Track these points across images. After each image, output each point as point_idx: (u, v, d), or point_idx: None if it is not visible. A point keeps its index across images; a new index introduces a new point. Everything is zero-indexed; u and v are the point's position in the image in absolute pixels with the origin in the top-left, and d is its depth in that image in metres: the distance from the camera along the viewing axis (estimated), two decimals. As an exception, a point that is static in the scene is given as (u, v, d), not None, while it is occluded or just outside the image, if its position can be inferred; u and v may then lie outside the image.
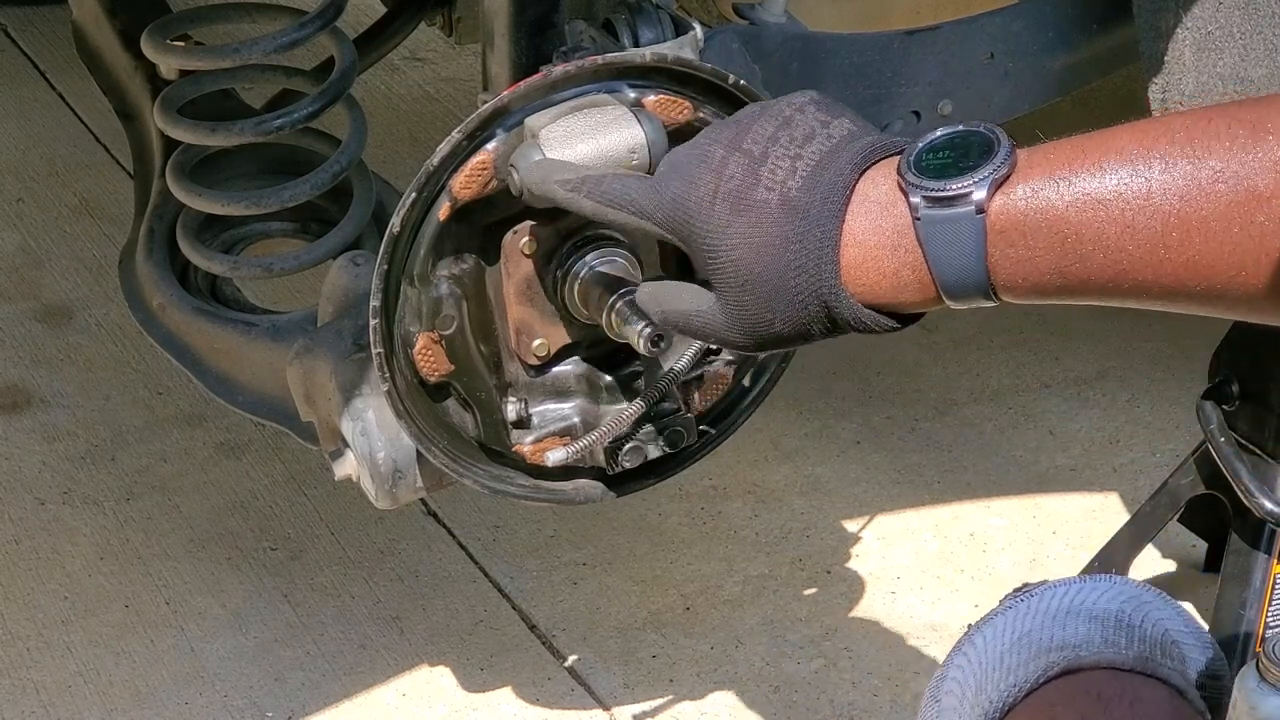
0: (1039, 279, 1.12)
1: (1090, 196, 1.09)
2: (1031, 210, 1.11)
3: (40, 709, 2.17)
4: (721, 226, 1.22)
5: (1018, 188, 1.12)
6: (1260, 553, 2.03)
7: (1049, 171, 1.11)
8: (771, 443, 2.60)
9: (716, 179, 1.23)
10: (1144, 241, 1.08)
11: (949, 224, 1.13)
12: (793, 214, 1.19)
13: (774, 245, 1.20)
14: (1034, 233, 1.11)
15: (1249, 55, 1.82)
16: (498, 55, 1.71)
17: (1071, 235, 1.10)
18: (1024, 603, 1.24)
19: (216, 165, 2.09)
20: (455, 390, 1.66)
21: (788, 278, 1.19)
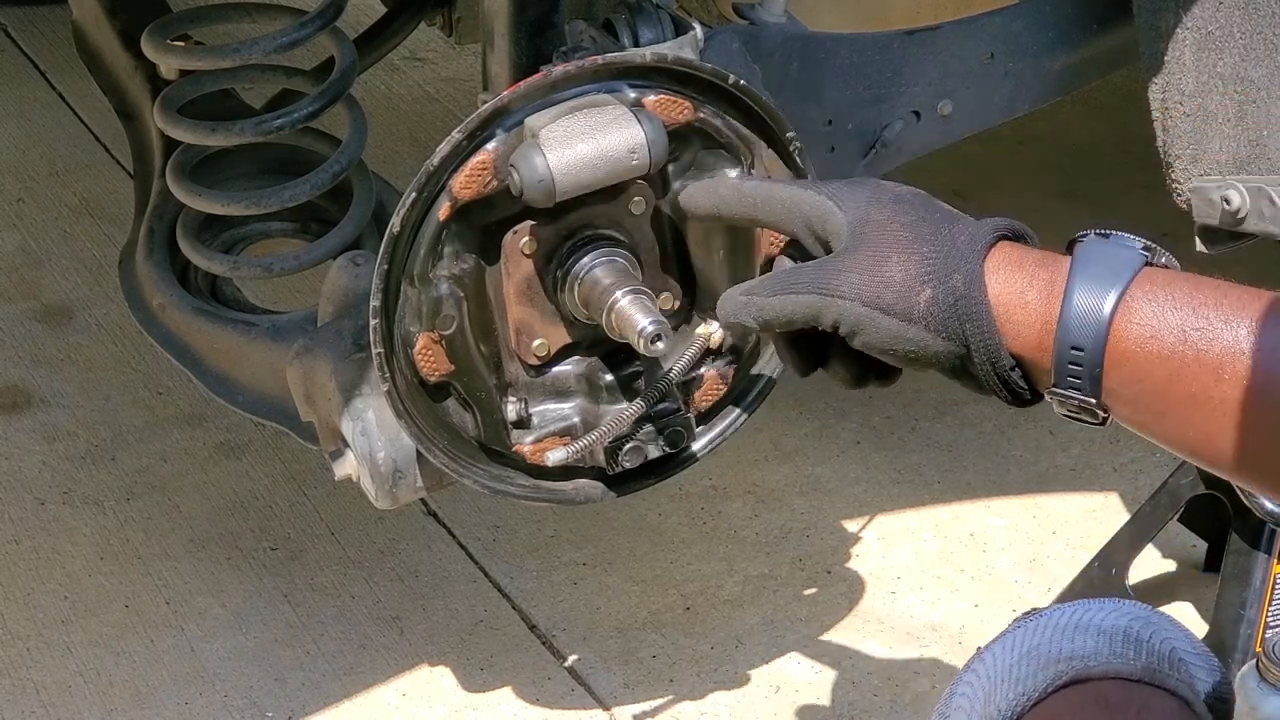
0: (1158, 340, 1.14)
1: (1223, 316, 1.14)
2: (1183, 282, 1.15)
3: (40, 709, 2.17)
4: (890, 194, 1.28)
5: (1175, 272, 1.17)
6: (1260, 553, 2.03)
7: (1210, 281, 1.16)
8: (771, 443, 2.60)
9: (892, 184, 1.32)
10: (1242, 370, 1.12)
11: (1111, 250, 1.17)
12: (951, 215, 1.26)
13: (928, 219, 1.25)
14: (1178, 293, 1.15)
15: (1249, 55, 1.82)
16: (498, 55, 1.71)
17: (1202, 318, 1.14)
18: (1033, 621, 1.25)
19: (216, 165, 2.09)
20: (455, 390, 1.66)
21: (934, 233, 1.23)
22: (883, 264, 1.23)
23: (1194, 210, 1.92)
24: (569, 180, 1.54)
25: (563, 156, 1.53)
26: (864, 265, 1.24)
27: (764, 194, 1.36)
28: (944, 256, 1.21)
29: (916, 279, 1.22)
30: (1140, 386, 1.15)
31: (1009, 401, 1.22)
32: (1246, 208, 1.87)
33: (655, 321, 1.55)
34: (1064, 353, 1.17)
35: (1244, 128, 1.85)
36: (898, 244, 1.23)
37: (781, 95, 1.81)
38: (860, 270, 1.24)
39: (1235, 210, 1.87)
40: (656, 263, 1.67)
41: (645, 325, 1.55)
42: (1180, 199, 1.94)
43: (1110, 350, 1.15)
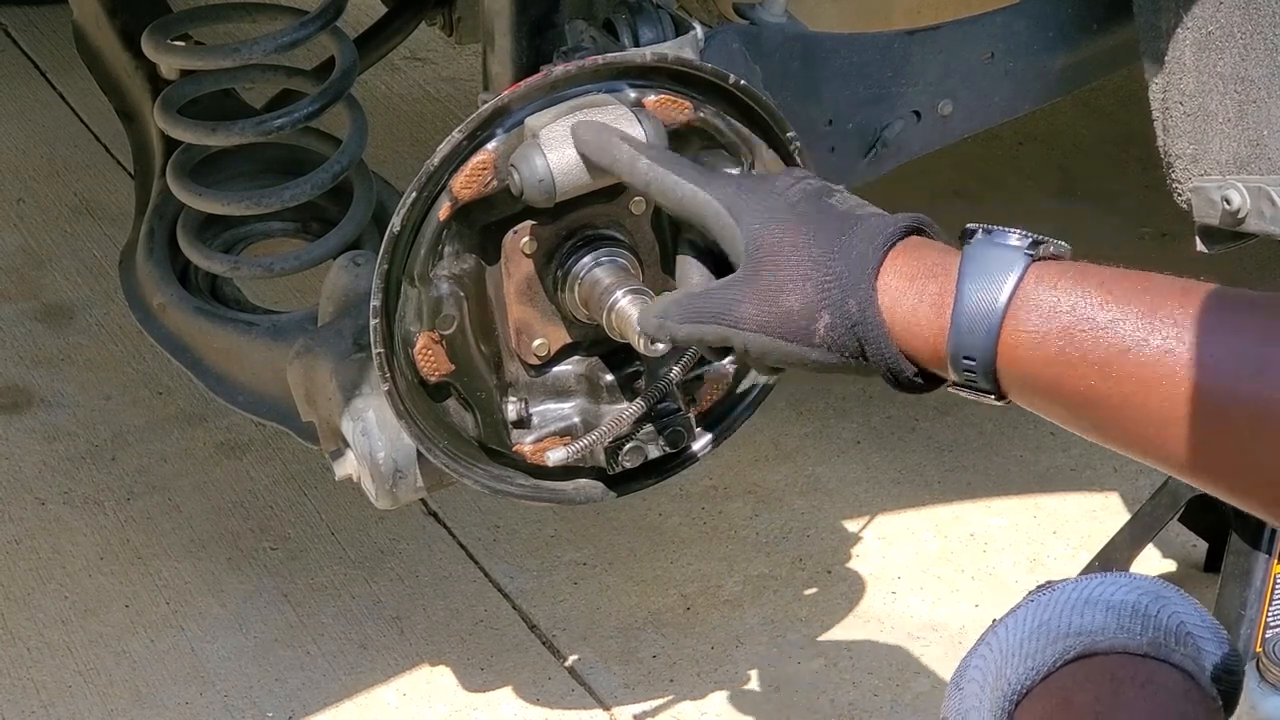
0: (1044, 345, 1.18)
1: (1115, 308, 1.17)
2: (1067, 283, 1.19)
3: (40, 709, 2.17)
4: (785, 204, 1.33)
5: (1064, 266, 1.21)
6: (1260, 553, 2.03)
7: (1096, 272, 1.19)
8: (771, 443, 2.60)
9: (793, 181, 1.36)
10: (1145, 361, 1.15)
11: (995, 252, 1.21)
12: (850, 220, 1.30)
13: (824, 232, 1.29)
14: (1062, 298, 1.18)
15: (1249, 55, 1.82)
16: (498, 55, 1.71)
17: (1087, 321, 1.17)
18: (1045, 595, 1.26)
19: (217, 165, 2.09)
20: (455, 390, 1.66)
21: (827, 253, 1.28)
22: (779, 294, 1.30)
23: (1194, 210, 1.92)
24: (569, 180, 1.54)
25: (563, 156, 1.53)
26: (762, 295, 1.31)
27: (658, 181, 1.42)
28: (837, 280, 1.27)
29: (813, 307, 1.28)
30: (1034, 385, 1.20)
31: (913, 392, 1.31)
32: (1247, 208, 1.87)
33: (655, 321, 1.55)
34: (959, 362, 1.23)
35: (1244, 128, 1.85)
36: (791, 271, 1.29)
37: (781, 95, 1.81)
38: (758, 301, 1.31)
39: (1235, 210, 1.87)
40: (656, 263, 1.67)
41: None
42: (1180, 199, 1.94)
43: (1001, 356, 1.21)
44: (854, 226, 1.29)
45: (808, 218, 1.31)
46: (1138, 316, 1.16)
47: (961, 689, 1.26)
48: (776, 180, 1.37)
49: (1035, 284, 1.20)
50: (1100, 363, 1.16)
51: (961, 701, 1.26)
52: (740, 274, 1.33)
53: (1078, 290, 1.18)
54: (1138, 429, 1.16)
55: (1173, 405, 1.13)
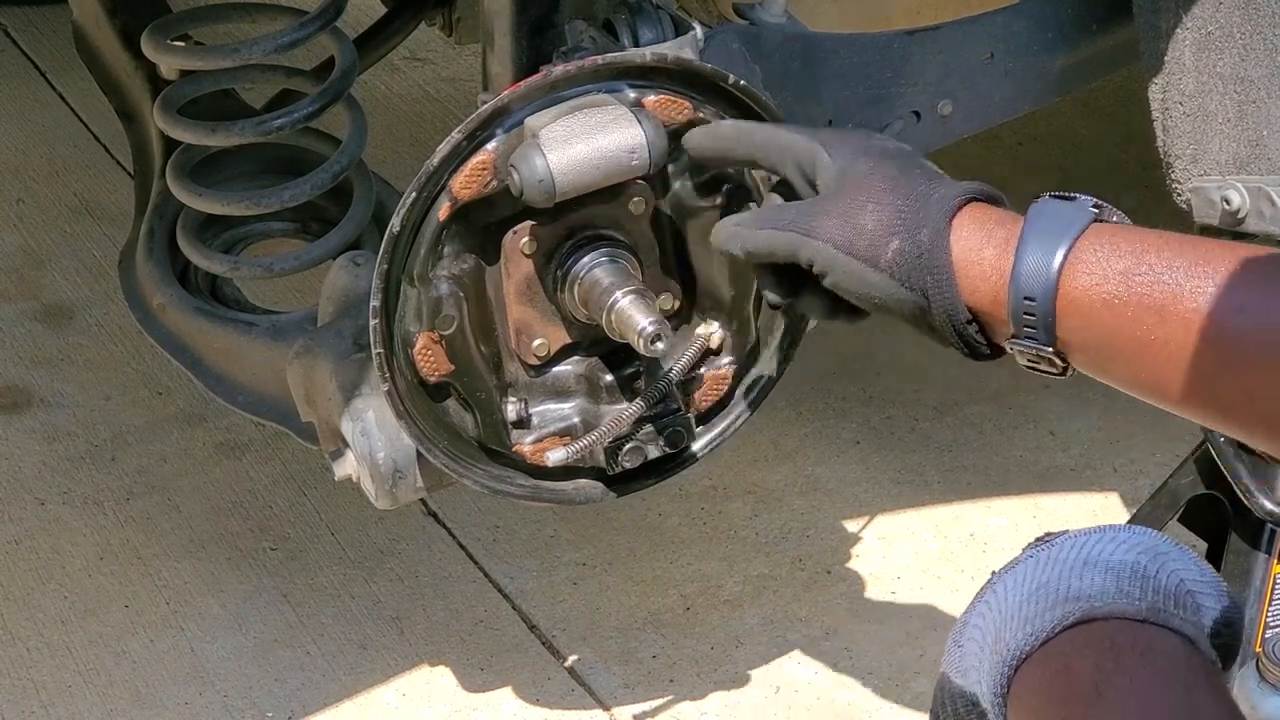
0: (1103, 285, 1.23)
1: (1170, 260, 1.22)
2: (1127, 235, 1.25)
3: (40, 709, 2.17)
4: (877, 146, 1.40)
5: (1123, 226, 1.28)
6: (1260, 553, 2.03)
7: (1155, 233, 1.25)
8: (771, 443, 2.60)
9: (880, 136, 1.44)
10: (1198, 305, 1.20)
11: (1060, 206, 1.27)
12: (931, 172, 1.37)
13: (908, 174, 1.35)
14: (1123, 245, 1.24)
15: (1249, 55, 1.82)
16: (498, 55, 1.71)
17: (1145, 267, 1.23)
18: (1044, 552, 1.27)
19: (217, 165, 2.09)
20: (455, 390, 1.66)
21: (909, 188, 1.33)
22: (858, 212, 1.34)
23: (1194, 210, 1.92)
24: (569, 180, 1.54)
25: (563, 156, 1.53)
26: (842, 211, 1.35)
27: (764, 136, 1.48)
28: (915, 211, 1.32)
29: (887, 229, 1.33)
30: (1091, 332, 1.25)
31: (967, 354, 1.34)
32: (1246, 208, 1.87)
33: (655, 321, 1.55)
34: (1018, 303, 1.27)
35: (1244, 128, 1.85)
36: (874, 195, 1.34)
37: (781, 95, 1.81)
38: (838, 215, 1.35)
39: (1235, 210, 1.87)
40: (656, 263, 1.67)
41: (645, 325, 1.55)
42: (1180, 199, 1.94)
43: (1061, 299, 1.25)
44: (936, 179, 1.35)
45: (898, 160, 1.38)
46: (1192, 264, 1.20)
47: (961, 646, 1.27)
48: (870, 132, 1.47)
49: (1096, 235, 1.25)
50: (1156, 307, 1.21)
51: (961, 659, 1.27)
52: (825, 194, 1.38)
53: (1136, 242, 1.24)
54: (1190, 378, 1.20)
55: (1224, 352, 1.18)
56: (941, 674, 1.29)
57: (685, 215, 1.67)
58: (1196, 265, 1.21)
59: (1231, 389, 1.19)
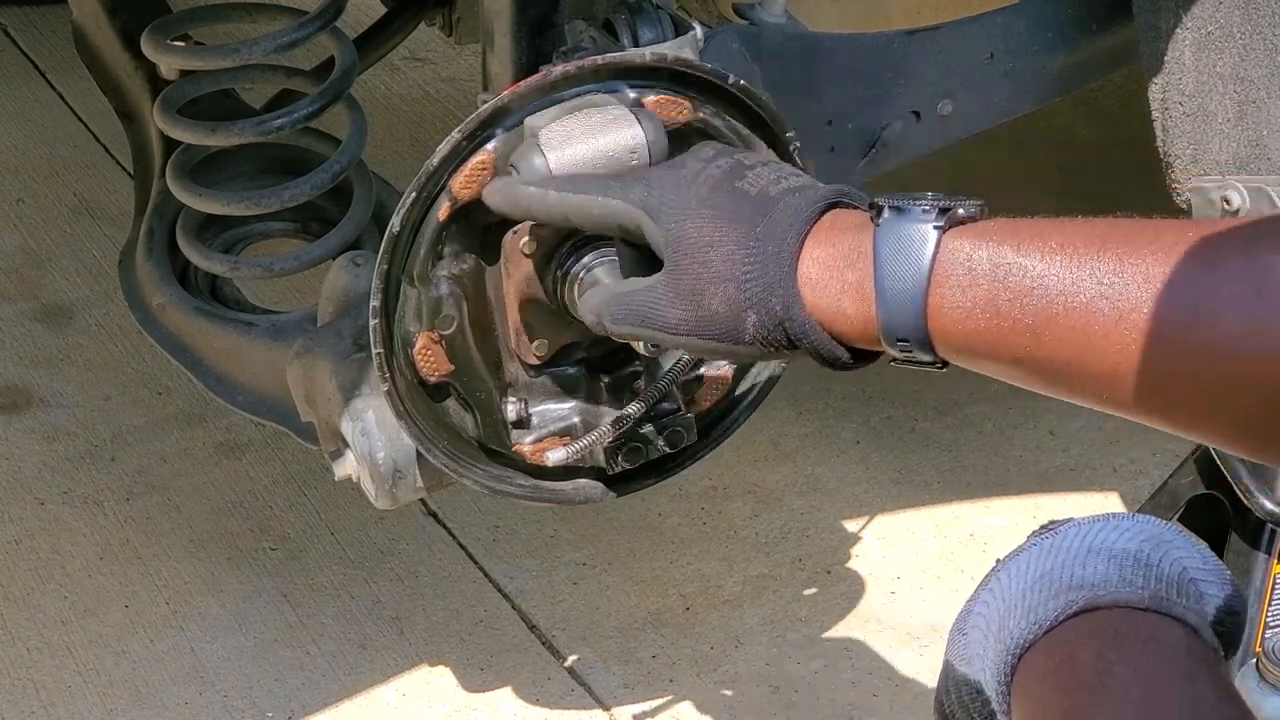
0: (972, 318, 1.20)
1: (1035, 269, 1.19)
2: (982, 252, 1.21)
3: (40, 709, 2.17)
4: (697, 199, 1.34)
5: (978, 230, 1.22)
6: (1260, 553, 2.03)
7: (1012, 233, 1.21)
8: (771, 443, 2.60)
9: (703, 165, 1.38)
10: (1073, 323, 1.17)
11: (905, 232, 1.23)
12: (767, 204, 1.31)
13: (742, 225, 1.31)
14: (979, 269, 1.20)
15: (1249, 55, 1.82)
16: (498, 55, 1.71)
17: (1010, 289, 1.19)
18: (1048, 540, 1.27)
19: (217, 165, 2.09)
20: (455, 390, 1.66)
21: (744, 253, 1.30)
22: (702, 298, 1.32)
23: (1194, 210, 1.92)
24: (569, 180, 1.54)
25: (562, 156, 1.53)
26: (686, 300, 1.33)
27: (573, 207, 1.45)
28: (757, 278, 1.29)
29: (738, 308, 1.30)
30: (972, 354, 1.23)
31: (850, 370, 1.32)
32: (1246, 208, 1.87)
33: (655, 321, 1.55)
34: (894, 344, 1.25)
35: (1244, 128, 1.85)
36: (711, 272, 1.31)
37: (781, 95, 1.81)
38: (684, 306, 1.33)
39: (1235, 210, 1.87)
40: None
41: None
42: (1180, 199, 1.94)
43: (933, 333, 1.23)
44: (768, 212, 1.31)
45: (721, 210, 1.33)
46: (1059, 272, 1.17)
47: (965, 634, 1.27)
48: (685, 167, 1.38)
49: (950, 258, 1.22)
50: (1030, 330, 1.18)
51: (965, 647, 1.27)
52: (664, 276, 1.35)
53: (995, 256, 1.20)
54: (1080, 386, 1.18)
55: (1109, 361, 1.15)
56: (946, 661, 1.29)
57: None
58: (1064, 270, 1.17)
59: (1123, 393, 1.17)
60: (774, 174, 1.35)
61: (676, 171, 1.39)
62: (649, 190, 1.38)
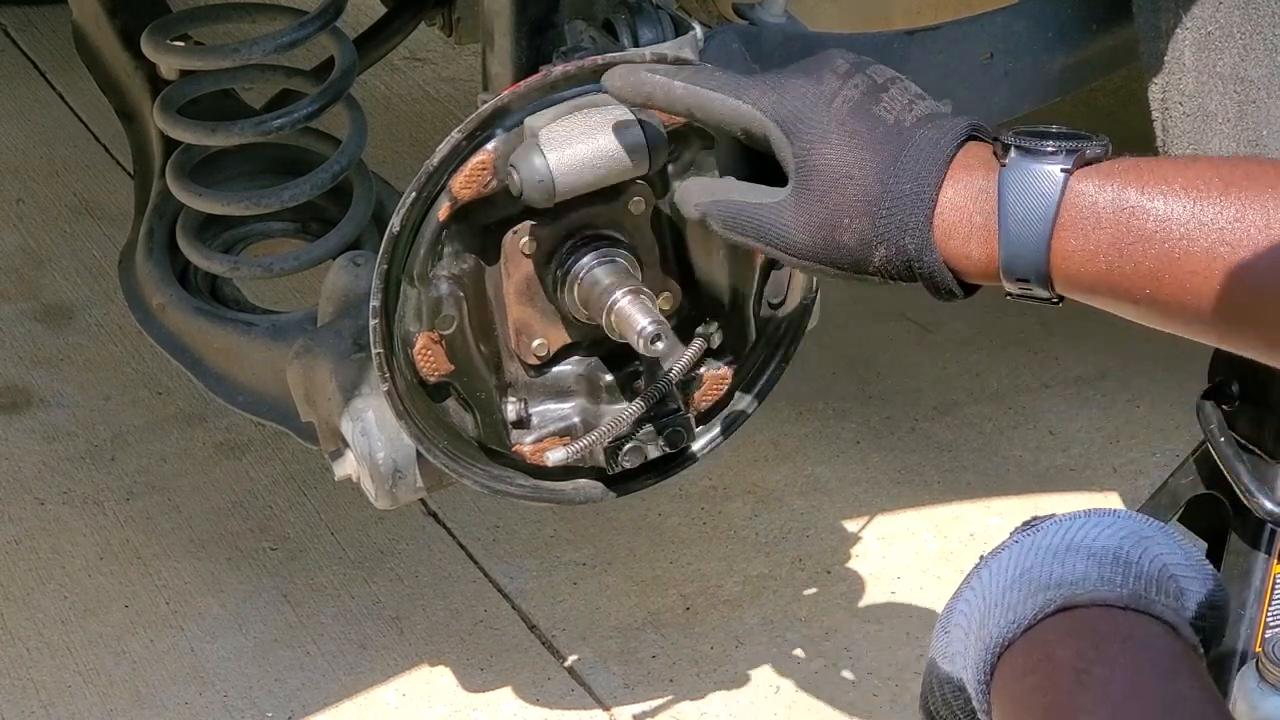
0: (1095, 259, 1.21)
1: (1159, 213, 1.19)
2: (1107, 195, 1.21)
3: (40, 709, 2.17)
4: (835, 121, 1.30)
5: (1103, 171, 1.23)
6: (1260, 553, 2.03)
7: (1136, 175, 1.22)
8: (771, 443, 2.60)
9: (840, 83, 1.32)
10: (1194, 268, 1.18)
11: (1031, 175, 1.23)
12: (904, 138, 1.28)
13: (881, 156, 1.28)
14: (1104, 213, 1.21)
15: (1249, 55, 1.82)
16: (498, 55, 1.71)
17: (1133, 233, 1.20)
18: (1029, 537, 1.27)
19: (217, 165, 2.09)
20: (455, 390, 1.66)
21: (882, 189, 1.27)
22: (833, 229, 1.30)
23: (1194, 210, 1.92)
24: (569, 180, 1.54)
25: (562, 156, 1.53)
26: (815, 226, 1.30)
27: (699, 101, 1.39)
28: (892, 215, 1.27)
29: (869, 243, 1.29)
30: (1091, 294, 1.24)
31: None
32: (1246, 208, 1.87)
33: (655, 322, 1.55)
34: (1014, 282, 1.25)
35: (1244, 128, 1.85)
36: (845, 203, 1.29)
37: (781, 95, 1.81)
38: (812, 231, 1.31)
39: (1235, 210, 1.87)
40: (656, 263, 1.67)
41: (645, 325, 1.55)
42: (1180, 199, 1.94)
43: (1054, 275, 1.24)
44: (905, 145, 1.29)
45: (858, 138, 1.30)
46: (1182, 215, 1.18)
47: (948, 632, 1.28)
48: (821, 81, 1.33)
49: (1075, 202, 1.22)
50: (1151, 273, 1.19)
51: (948, 645, 1.27)
52: (792, 197, 1.32)
53: (1119, 199, 1.21)
54: (1199, 327, 1.20)
55: (1228, 305, 1.16)
56: (930, 659, 1.29)
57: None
58: (1188, 214, 1.18)
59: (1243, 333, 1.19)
60: (907, 97, 1.32)
61: (812, 84, 1.33)
62: (781, 100, 1.33)
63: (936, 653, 1.28)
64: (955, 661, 1.25)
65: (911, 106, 1.32)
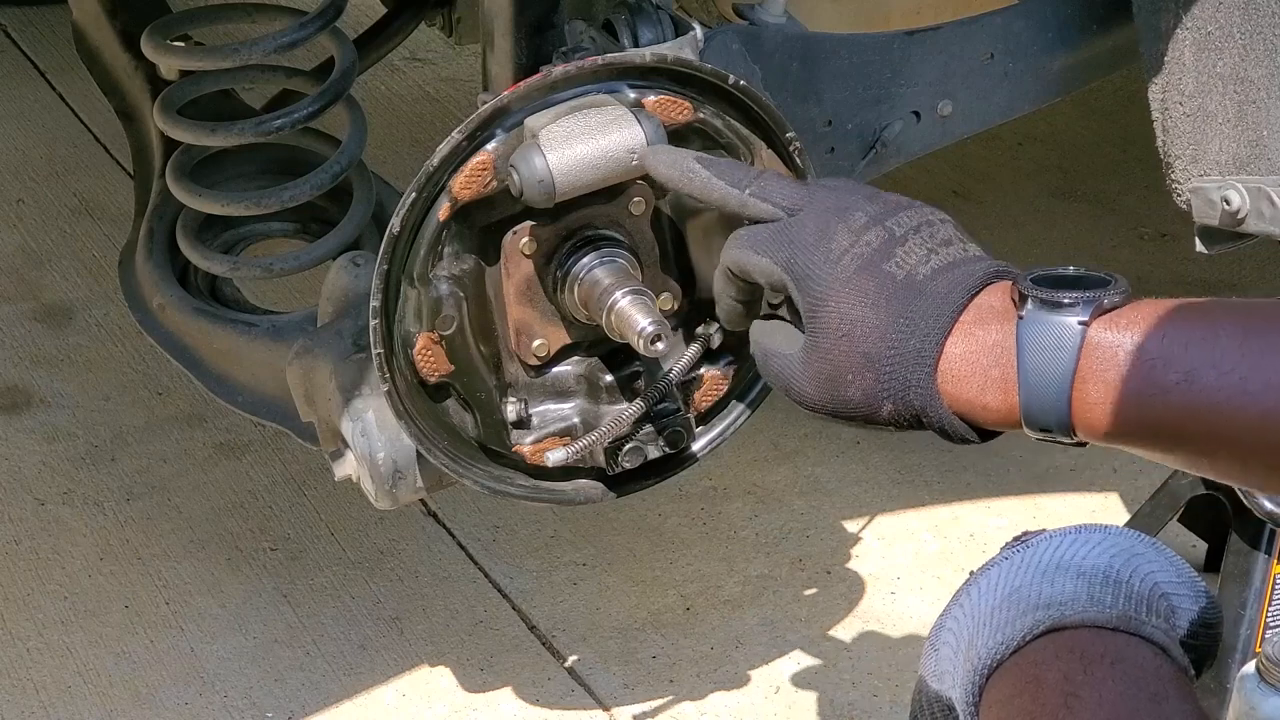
0: (1118, 412, 1.20)
1: (1176, 367, 1.17)
2: (1126, 346, 1.18)
3: (40, 709, 2.17)
4: (842, 279, 1.29)
5: (1122, 321, 1.19)
6: (1260, 553, 2.03)
7: (1156, 323, 1.18)
8: (771, 443, 2.60)
9: (853, 239, 1.31)
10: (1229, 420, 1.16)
11: (1050, 328, 1.21)
12: (912, 293, 1.27)
13: (884, 314, 1.27)
14: (1123, 364, 1.19)
15: (1249, 55, 1.82)
16: (498, 55, 1.71)
17: (1154, 385, 1.17)
18: (1019, 555, 1.27)
19: (217, 165, 2.09)
20: (455, 391, 1.66)
21: (885, 348, 1.26)
22: (841, 386, 1.29)
23: (1194, 210, 1.92)
24: (569, 181, 1.54)
25: (562, 157, 1.53)
26: (823, 382, 1.31)
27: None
28: (897, 374, 1.27)
29: (875, 399, 1.28)
30: (1117, 442, 1.23)
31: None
32: (1246, 208, 1.87)
33: (655, 322, 1.55)
34: (1036, 431, 1.25)
35: (1244, 128, 1.85)
36: (851, 362, 1.28)
37: (781, 95, 1.81)
38: (820, 388, 1.31)
39: (1235, 210, 1.87)
40: (656, 263, 1.67)
41: (645, 326, 1.55)
42: (1180, 199, 1.94)
43: (1077, 424, 1.23)
44: (913, 300, 1.27)
45: (864, 295, 1.29)
46: (1202, 366, 1.16)
47: (936, 650, 1.27)
48: (833, 239, 1.32)
49: (1095, 353, 1.20)
50: (1174, 423, 1.18)
51: (937, 664, 1.27)
52: (803, 351, 1.32)
53: (1140, 351, 1.19)
54: (1230, 473, 1.19)
55: (1255, 454, 1.15)
56: (919, 677, 1.29)
57: (685, 215, 1.67)
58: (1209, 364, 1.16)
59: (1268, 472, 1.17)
60: (925, 248, 1.30)
61: (825, 240, 1.32)
62: (794, 255, 1.33)
63: (925, 671, 1.28)
64: (944, 681, 1.25)
65: (930, 258, 1.29)
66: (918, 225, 1.31)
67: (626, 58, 1.60)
